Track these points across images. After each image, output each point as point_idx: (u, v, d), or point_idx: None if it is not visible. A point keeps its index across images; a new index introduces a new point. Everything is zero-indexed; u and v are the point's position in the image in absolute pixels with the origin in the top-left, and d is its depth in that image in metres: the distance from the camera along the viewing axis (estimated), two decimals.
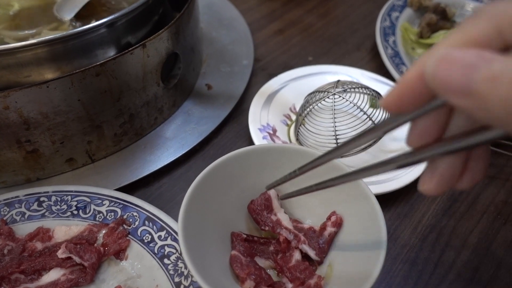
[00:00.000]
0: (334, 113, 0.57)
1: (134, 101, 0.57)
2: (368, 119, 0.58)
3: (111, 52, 0.57)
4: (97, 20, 0.53)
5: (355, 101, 0.58)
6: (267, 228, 0.49)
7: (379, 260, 0.40)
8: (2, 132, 0.49)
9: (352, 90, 0.59)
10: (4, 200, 0.50)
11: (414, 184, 0.58)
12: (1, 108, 0.47)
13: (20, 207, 0.50)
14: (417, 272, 0.50)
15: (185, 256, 0.39)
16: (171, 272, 0.46)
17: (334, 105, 0.58)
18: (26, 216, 0.50)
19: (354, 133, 0.57)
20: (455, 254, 0.52)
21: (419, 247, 0.52)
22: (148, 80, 0.58)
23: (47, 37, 0.49)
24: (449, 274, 0.50)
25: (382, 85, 0.71)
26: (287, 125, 0.66)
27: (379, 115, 0.59)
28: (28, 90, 0.47)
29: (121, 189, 0.55)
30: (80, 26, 0.54)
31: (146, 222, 0.49)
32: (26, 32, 0.57)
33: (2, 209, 0.50)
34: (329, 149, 0.56)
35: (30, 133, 0.51)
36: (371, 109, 0.60)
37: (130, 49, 0.53)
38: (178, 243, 0.47)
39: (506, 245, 0.53)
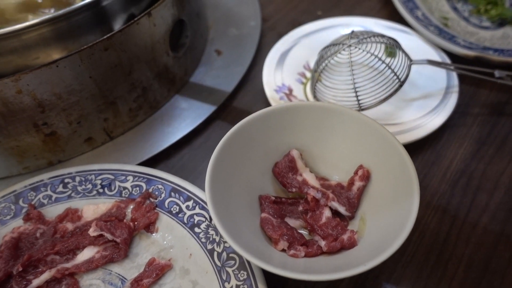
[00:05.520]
0: (352, 66, 0.55)
1: (145, 74, 0.56)
2: (387, 68, 0.56)
3: (116, 26, 0.55)
4: None
5: (371, 51, 0.56)
6: (294, 189, 0.48)
7: (412, 209, 0.39)
8: (18, 117, 0.49)
9: (368, 40, 0.56)
10: (30, 184, 0.50)
11: (439, 131, 0.56)
12: (14, 92, 0.46)
13: (46, 190, 0.50)
14: (450, 218, 0.49)
15: (216, 222, 0.39)
16: (203, 240, 0.46)
17: (351, 57, 0.56)
18: (53, 198, 0.50)
19: (373, 84, 0.56)
20: (487, 197, 0.51)
21: (450, 193, 0.51)
22: (157, 50, 0.56)
23: (49, 16, 0.47)
24: (483, 217, 0.49)
25: (397, 33, 0.68)
26: (303, 83, 0.64)
27: (398, 63, 0.56)
28: (38, 71, 0.46)
29: (143, 164, 0.55)
30: None
31: (172, 194, 0.49)
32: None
33: (29, 194, 0.50)
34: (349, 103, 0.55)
35: (46, 116, 0.50)
36: (388, 58, 0.58)
37: (136, 19, 0.51)
38: (206, 211, 0.47)
39: None
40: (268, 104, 0.60)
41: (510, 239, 0.47)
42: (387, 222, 0.42)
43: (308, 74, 0.66)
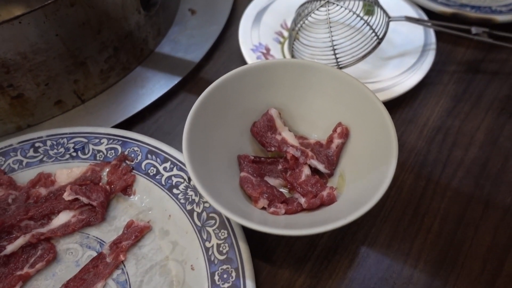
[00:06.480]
0: (330, 23, 0.54)
1: (116, 32, 0.53)
2: (365, 25, 0.55)
3: None
4: None
5: (349, 8, 0.54)
6: (273, 149, 0.48)
7: (391, 166, 0.39)
8: None
9: None
10: None
11: (416, 89, 0.56)
12: None
13: (16, 155, 0.48)
14: (426, 173, 0.50)
15: (195, 181, 0.38)
16: (182, 201, 0.45)
17: (329, 14, 0.54)
18: (24, 163, 0.48)
19: (351, 42, 0.55)
20: (462, 152, 0.52)
21: (426, 150, 0.52)
22: (128, 8, 0.53)
23: None
24: (458, 171, 0.50)
25: None
26: (280, 42, 0.63)
27: (376, 20, 0.56)
28: (0, 28, 0.43)
29: (117, 127, 0.53)
30: None
31: (149, 156, 0.48)
32: None
33: None
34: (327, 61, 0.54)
35: (11, 77, 0.47)
36: (366, 16, 0.57)
37: None
38: (184, 173, 0.46)
39: None
40: (244, 64, 0.58)
41: (483, 192, 0.48)
42: (366, 178, 0.42)
43: (286, 33, 0.64)
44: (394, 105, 0.56)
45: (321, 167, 0.46)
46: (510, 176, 0.49)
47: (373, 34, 0.55)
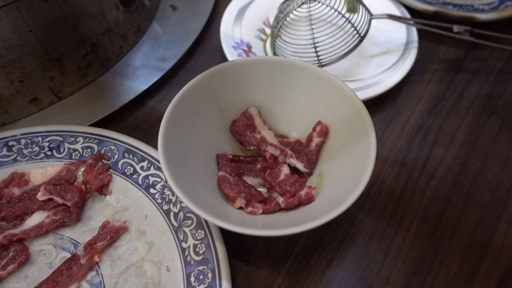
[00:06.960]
0: (311, 20, 0.54)
1: (93, 28, 0.52)
2: (347, 22, 0.54)
3: None
4: None
5: (331, 5, 0.54)
6: (252, 147, 0.47)
7: (369, 164, 0.39)
8: None
9: None
10: None
11: (398, 87, 0.56)
12: None
13: None
14: (407, 172, 0.50)
15: (170, 182, 0.37)
16: (159, 200, 0.44)
17: (310, 12, 0.54)
18: None
19: (333, 39, 0.54)
20: (443, 151, 0.51)
21: (407, 149, 0.52)
22: (106, 3, 0.52)
23: None
24: (438, 170, 0.50)
25: None
26: (262, 40, 0.62)
27: (358, 18, 0.55)
28: None
29: (95, 125, 0.52)
30: None
31: (126, 155, 0.47)
32: None
33: None
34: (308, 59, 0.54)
35: None
36: (348, 14, 0.57)
37: None
38: (162, 172, 0.46)
39: (492, 136, 0.52)
40: (226, 61, 0.57)
41: (463, 191, 0.48)
42: (344, 178, 0.41)
43: (268, 31, 0.64)
44: (375, 104, 0.55)
45: (300, 166, 0.45)
46: (489, 175, 0.49)
47: (355, 31, 0.54)
